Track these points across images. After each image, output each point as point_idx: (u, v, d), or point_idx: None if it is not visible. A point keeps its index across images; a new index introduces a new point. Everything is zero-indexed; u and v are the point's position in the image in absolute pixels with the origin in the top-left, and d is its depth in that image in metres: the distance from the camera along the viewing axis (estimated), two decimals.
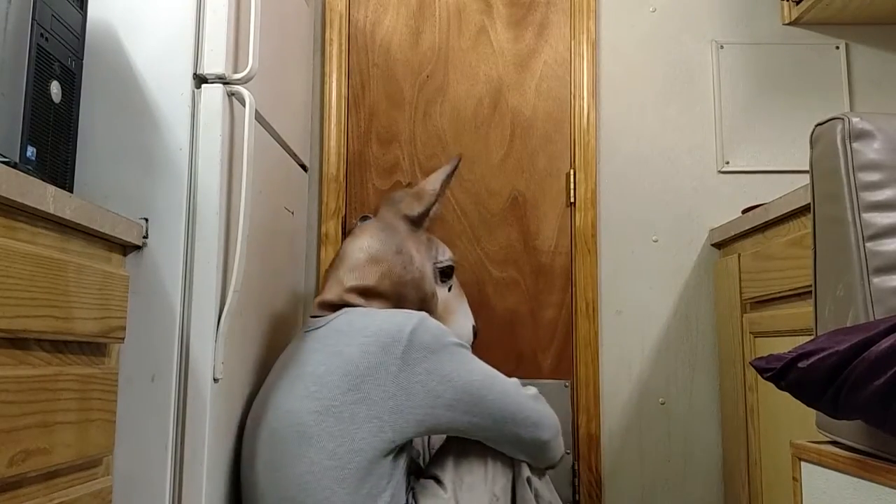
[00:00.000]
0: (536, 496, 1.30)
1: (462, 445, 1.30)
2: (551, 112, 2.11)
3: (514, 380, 1.30)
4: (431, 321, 1.27)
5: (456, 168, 1.54)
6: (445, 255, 1.51)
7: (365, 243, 1.41)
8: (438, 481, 1.27)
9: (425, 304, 1.44)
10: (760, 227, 1.71)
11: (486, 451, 1.28)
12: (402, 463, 1.24)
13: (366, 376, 1.20)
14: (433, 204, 1.49)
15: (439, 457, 1.32)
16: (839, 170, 1.02)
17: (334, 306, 1.37)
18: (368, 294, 1.38)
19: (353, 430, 1.18)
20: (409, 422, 1.20)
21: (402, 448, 1.24)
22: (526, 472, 1.31)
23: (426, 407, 1.21)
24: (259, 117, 1.46)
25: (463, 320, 1.54)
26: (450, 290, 1.53)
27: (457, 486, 1.25)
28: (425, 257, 1.47)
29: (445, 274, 1.50)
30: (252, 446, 1.27)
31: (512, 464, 1.31)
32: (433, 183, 1.50)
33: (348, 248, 1.42)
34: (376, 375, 1.20)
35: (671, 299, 2.05)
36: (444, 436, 1.35)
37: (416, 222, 1.47)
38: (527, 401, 1.27)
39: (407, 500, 1.25)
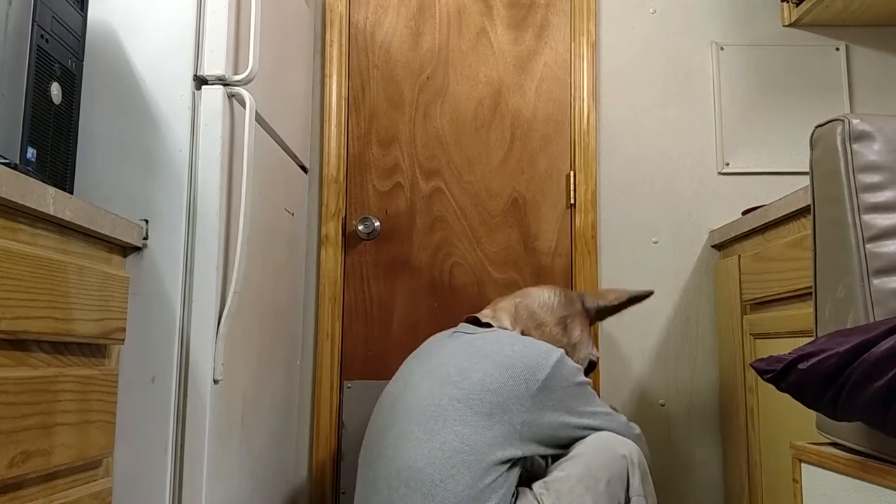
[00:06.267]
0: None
1: (567, 462, 1.36)
2: (551, 113, 2.11)
3: (623, 417, 1.47)
4: (569, 359, 1.42)
5: (645, 297, 1.74)
6: (597, 353, 1.65)
7: (546, 295, 1.60)
8: (536, 493, 1.34)
9: None
10: (760, 228, 1.71)
11: (589, 469, 1.35)
12: (517, 473, 1.34)
13: (508, 387, 1.33)
14: (607, 309, 1.69)
15: (543, 471, 1.42)
16: (839, 171, 1.02)
17: (486, 325, 1.52)
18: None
19: (489, 425, 1.30)
20: (535, 436, 1.34)
21: (521, 459, 1.35)
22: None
23: (553, 428, 1.36)
24: (259, 119, 1.46)
25: None
26: None
27: (553, 497, 1.31)
28: (586, 340, 1.61)
29: (590, 368, 1.63)
30: (386, 417, 1.38)
31: (624, 485, 1.37)
32: (621, 294, 1.71)
33: (533, 291, 1.61)
34: (517, 390, 1.33)
35: (671, 301, 2.05)
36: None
37: (588, 312, 1.66)
38: (631, 436, 1.44)
39: None
